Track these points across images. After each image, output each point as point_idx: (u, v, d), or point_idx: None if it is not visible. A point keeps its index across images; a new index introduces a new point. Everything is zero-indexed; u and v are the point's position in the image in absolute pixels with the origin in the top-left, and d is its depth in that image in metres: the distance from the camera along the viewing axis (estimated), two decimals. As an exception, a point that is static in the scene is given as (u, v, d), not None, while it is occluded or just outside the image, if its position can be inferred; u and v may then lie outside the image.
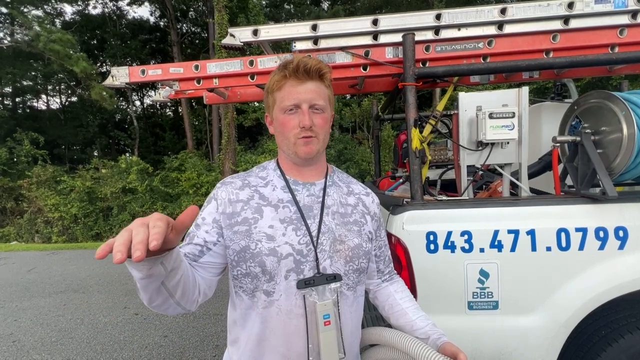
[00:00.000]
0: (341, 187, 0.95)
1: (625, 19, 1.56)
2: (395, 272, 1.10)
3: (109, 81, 1.83)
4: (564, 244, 1.35)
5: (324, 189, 0.90)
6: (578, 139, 1.51)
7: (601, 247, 1.34)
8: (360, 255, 0.88)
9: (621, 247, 1.34)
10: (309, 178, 0.90)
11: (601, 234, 1.34)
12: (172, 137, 16.95)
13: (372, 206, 0.98)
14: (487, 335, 1.40)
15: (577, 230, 1.35)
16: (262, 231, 0.80)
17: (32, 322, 3.61)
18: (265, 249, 0.79)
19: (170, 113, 19.72)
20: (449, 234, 1.39)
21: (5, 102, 16.44)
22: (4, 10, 12.67)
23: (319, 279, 0.81)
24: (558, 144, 1.60)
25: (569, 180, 1.74)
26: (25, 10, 12.20)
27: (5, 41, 13.20)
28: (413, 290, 1.41)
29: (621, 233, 1.34)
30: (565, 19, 1.57)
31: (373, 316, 1.77)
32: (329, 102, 0.87)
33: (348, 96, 11.94)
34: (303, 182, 0.89)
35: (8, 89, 16.32)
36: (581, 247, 1.34)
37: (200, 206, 0.82)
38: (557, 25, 1.58)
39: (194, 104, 15.96)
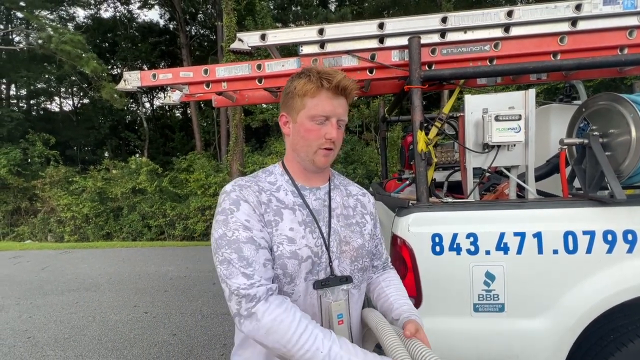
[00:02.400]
0: (341, 189, 0.98)
1: (634, 20, 1.54)
2: (390, 264, 1.11)
3: (121, 85, 1.89)
4: (571, 247, 1.34)
5: (329, 193, 0.94)
6: (586, 141, 1.50)
7: (609, 251, 1.33)
8: (364, 255, 0.92)
9: (630, 250, 1.32)
10: (315, 183, 0.93)
11: (609, 237, 1.33)
12: (181, 138, 17.15)
13: (369, 205, 1.01)
14: (493, 338, 1.40)
15: (585, 233, 1.34)
16: (283, 234, 0.82)
17: (46, 319, 3.70)
18: (287, 251, 0.80)
19: (179, 115, 19.97)
20: (455, 236, 1.39)
21: (20, 104, 16.86)
22: (20, 15, 13.02)
23: (333, 280, 0.85)
24: (566, 147, 1.60)
25: (576, 183, 1.73)
26: (40, 14, 12.50)
27: (21, 44, 13.56)
28: (418, 292, 1.42)
29: (630, 236, 1.32)
30: (573, 21, 1.56)
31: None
32: None
33: (355, 98, 11.91)
34: (310, 187, 0.92)
35: (23, 92, 16.74)
36: (589, 251, 1.34)
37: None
38: (565, 27, 1.57)
39: (202, 105, 16.12)
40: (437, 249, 1.40)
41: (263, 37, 1.70)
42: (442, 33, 1.62)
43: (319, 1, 15.33)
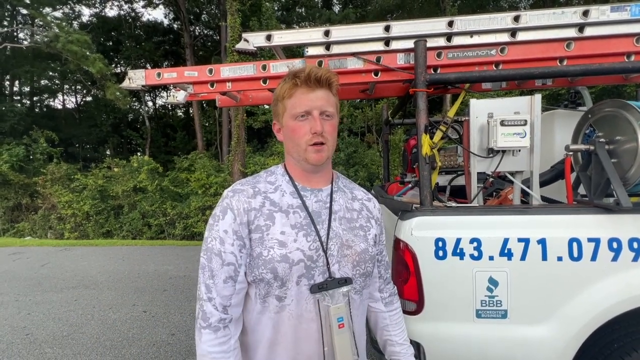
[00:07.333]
0: (346, 192, 0.97)
1: (642, 27, 1.53)
2: (396, 294, 1.09)
3: (125, 83, 1.88)
4: (575, 254, 1.33)
5: (331, 195, 0.92)
6: (592, 148, 1.49)
7: (614, 259, 1.32)
8: (367, 260, 0.90)
9: (635, 259, 1.31)
10: (316, 184, 0.91)
11: (614, 245, 1.32)
12: (183, 138, 17.18)
13: (375, 210, 1.00)
14: (495, 345, 1.38)
15: (590, 240, 1.33)
16: (274, 238, 0.82)
17: (44, 316, 3.69)
18: (277, 255, 0.80)
19: (181, 114, 20.01)
20: (458, 240, 1.38)
21: (24, 101, 16.93)
22: (24, 11, 13.08)
23: (331, 283, 0.83)
24: (571, 153, 1.58)
25: (581, 190, 1.71)
26: (45, 11, 12.55)
27: (25, 42, 13.62)
28: (420, 296, 1.41)
29: (635, 245, 1.31)
30: (580, 27, 1.55)
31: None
32: (336, 110, 0.89)
33: (358, 100, 11.94)
34: (311, 189, 0.90)
35: (26, 88, 16.82)
36: (593, 258, 1.32)
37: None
38: (572, 32, 1.56)
39: (204, 105, 16.16)
40: (440, 253, 1.39)
41: (269, 37, 1.70)
42: (449, 37, 1.62)
43: (322, 3, 15.39)
